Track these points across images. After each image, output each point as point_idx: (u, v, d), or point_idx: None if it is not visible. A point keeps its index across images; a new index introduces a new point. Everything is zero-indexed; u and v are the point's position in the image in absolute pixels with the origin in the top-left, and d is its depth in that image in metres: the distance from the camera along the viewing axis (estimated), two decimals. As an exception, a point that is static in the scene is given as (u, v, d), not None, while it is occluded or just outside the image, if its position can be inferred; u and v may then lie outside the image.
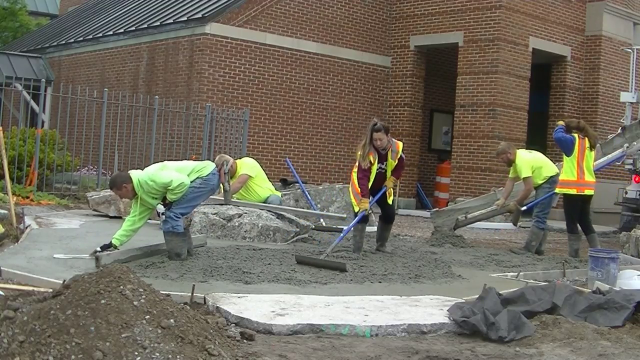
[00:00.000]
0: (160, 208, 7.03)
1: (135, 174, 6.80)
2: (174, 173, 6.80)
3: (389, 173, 8.26)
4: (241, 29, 15.88)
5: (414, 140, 18.00)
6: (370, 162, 7.97)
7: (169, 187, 6.69)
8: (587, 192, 9.28)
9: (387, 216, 8.52)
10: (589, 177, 9.24)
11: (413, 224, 13.56)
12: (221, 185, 7.72)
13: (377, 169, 8.10)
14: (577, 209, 9.36)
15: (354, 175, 8.22)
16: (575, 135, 9.14)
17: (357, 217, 8.08)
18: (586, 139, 9.14)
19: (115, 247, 6.72)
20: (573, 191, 9.15)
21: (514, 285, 6.30)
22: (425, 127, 19.09)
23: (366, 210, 7.99)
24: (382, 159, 8.12)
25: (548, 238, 10.04)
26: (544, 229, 9.39)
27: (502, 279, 7.00)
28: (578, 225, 9.39)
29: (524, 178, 9.40)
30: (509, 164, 9.61)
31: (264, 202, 9.70)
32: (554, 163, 9.85)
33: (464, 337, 4.77)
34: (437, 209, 11.99)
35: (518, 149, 9.88)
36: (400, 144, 8.27)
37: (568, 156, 9.13)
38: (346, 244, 9.10)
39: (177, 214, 6.78)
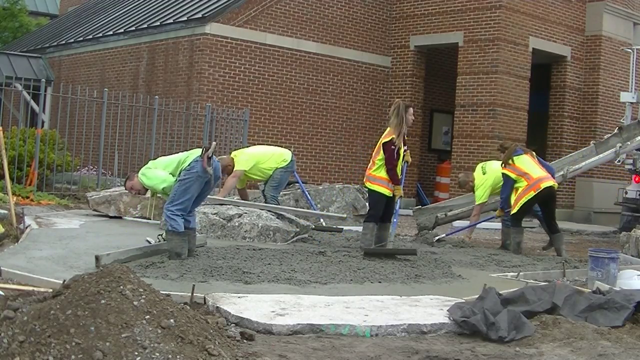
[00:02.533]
0: None
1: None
2: (159, 174, 6.95)
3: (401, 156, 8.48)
4: (241, 29, 15.87)
5: (414, 140, 17.97)
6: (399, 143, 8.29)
7: (156, 191, 6.91)
8: (545, 184, 8.91)
9: (387, 215, 8.52)
10: (538, 173, 8.97)
11: (413, 224, 13.53)
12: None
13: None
14: (530, 208, 9.26)
15: (375, 172, 8.36)
16: (506, 172, 9.09)
17: (398, 206, 8.43)
18: (504, 156, 9.18)
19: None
20: (532, 193, 8.92)
21: (514, 285, 6.30)
22: (425, 127, 19.09)
23: (402, 196, 8.39)
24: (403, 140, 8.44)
25: (546, 238, 10.09)
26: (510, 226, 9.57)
27: (502, 279, 7.00)
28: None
29: (477, 204, 9.95)
30: (474, 191, 10.08)
31: (271, 177, 9.84)
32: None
33: (464, 337, 4.77)
34: (420, 206, 12.11)
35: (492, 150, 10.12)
36: None
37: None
38: (346, 244, 9.10)
39: (174, 212, 6.73)
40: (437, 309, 5.23)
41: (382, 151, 8.34)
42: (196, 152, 6.96)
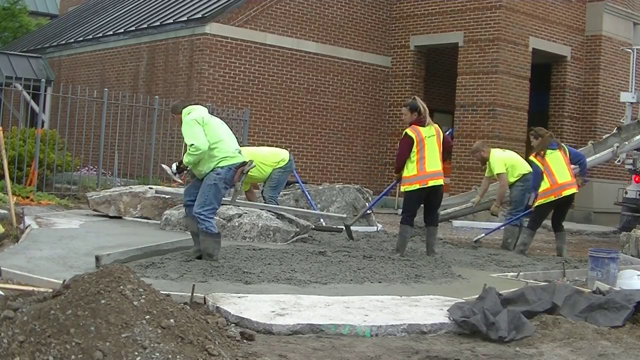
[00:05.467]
0: (172, 168, 7.14)
1: (188, 108, 7.01)
2: (200, 136, 6.73)
3: None
4: (241, 29, 15.87)
5: (414, 140, 18.00)
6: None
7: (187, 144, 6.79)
8: (567, 192, 8.86)
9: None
10: (564, 178, 8.86)
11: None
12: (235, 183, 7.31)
13: None
14: (548, 212, 9.18)
15: None
16: (535, 161, 8.97)
17: None
18: (538, 148, 9.01)
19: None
20: (552, 198, 8.85)
21: (514, 285, 6.30)
22: (425, 127, 19.07)
23: None
24: None
25: (546, 238, 10.09)
26: (519, 226, 9.47)
27: (502, 279, 7.00)
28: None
29: (497, 174, 9.64)
30: (482, 162, 9.90)
31: (269, 177, 9.87)
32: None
33: (464, 337, 4.77)
34: None
35: (493, 148, 9.96)
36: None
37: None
38: (346, 244, 9.11)
39: (207, 215, 6.73)
40: (437, 309, 5.23)
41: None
42: (234, 158, 6.85)
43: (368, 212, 11.69)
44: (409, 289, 6.19)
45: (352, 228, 10.66)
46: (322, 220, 10.61)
